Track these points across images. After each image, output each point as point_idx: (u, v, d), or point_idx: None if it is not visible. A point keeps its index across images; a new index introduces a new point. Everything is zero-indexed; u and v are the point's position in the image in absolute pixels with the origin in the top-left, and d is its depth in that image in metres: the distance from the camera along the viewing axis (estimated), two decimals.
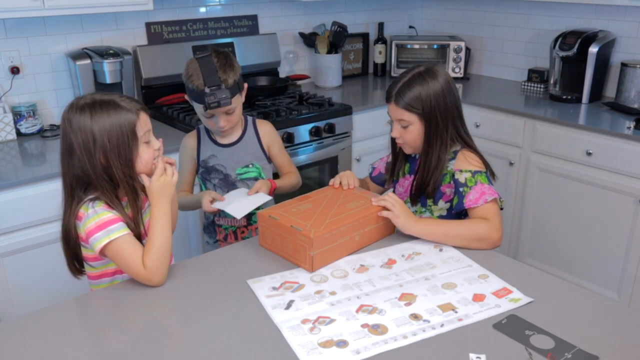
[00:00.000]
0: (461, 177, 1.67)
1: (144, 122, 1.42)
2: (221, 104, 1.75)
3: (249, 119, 1.99)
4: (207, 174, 1.93)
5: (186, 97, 1.87)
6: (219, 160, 1.92)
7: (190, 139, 1.96)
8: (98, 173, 1.38)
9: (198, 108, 1.82)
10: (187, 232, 2.46)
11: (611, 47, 2.97)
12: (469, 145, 1.74)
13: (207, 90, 1.73)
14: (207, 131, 1.94)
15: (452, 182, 1.69)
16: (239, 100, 1.84)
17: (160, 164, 1.44)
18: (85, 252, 1.47)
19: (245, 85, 1.90)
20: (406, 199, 1.81)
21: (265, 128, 1.99)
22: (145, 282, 1.39)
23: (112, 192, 1.40)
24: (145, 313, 1.32)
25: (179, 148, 2.00)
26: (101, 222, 1.37)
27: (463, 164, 1.68)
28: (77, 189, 1.41)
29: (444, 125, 1.67)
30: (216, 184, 1.94)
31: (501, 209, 1.69)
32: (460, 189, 1.66)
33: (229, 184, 1.94)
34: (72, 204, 1.42)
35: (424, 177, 1.70)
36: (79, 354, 1.17)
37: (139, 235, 1.44)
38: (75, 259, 1.49)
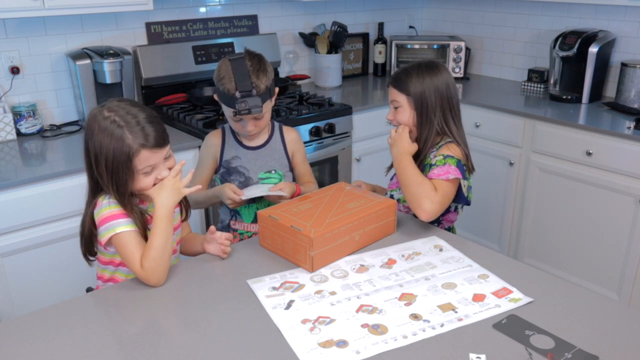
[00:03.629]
0: (434, 160, 1.73)
1: (144, 159, 1.39)
2: (252, 112, 1.73)
3: (276, 124, 1.97)
4: (227, 175, 1.91)
5: (215, 97, 1.84)
6: (242, 162, 1.90)
7: (214, 137, 1.93)
8: (104, 180, 1.41)
9: (227, 111, 1.80)
10: None
11: (611, 47, 2.97)
12: (457, 142, 1.76)
13: (238, 95, 1.71)
14: (233, 131, 1.91)
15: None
16: (269, 105, 1.81)
17: (172, 172, 1.45)
18: (100, 238, 1.47)
19: (277, 89, 1.87)
20: (394, 188, 1.84)
21: (292, 135, 1.97)
22: (143, 281, 1.40)
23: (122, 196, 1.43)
24: (145, 313, 1.32)
25: (201, 145, 1.97)
26: (111, 214, 1.41)
27: (441, 152, 1.74)
28: (97, 186, 1.46)
29: (433, 115, 1.74)
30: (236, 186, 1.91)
31: (467, 204, 1.74)
32: (430, 167, 1.73)
33: None
34: (93, 197, 1.47)
35: (418, 154, 1.78)
36: (79, 354, 1.17)
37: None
38: (89, 247, 1.53)
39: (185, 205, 1.60)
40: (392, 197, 1.84)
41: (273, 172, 1.91)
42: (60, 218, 2.14)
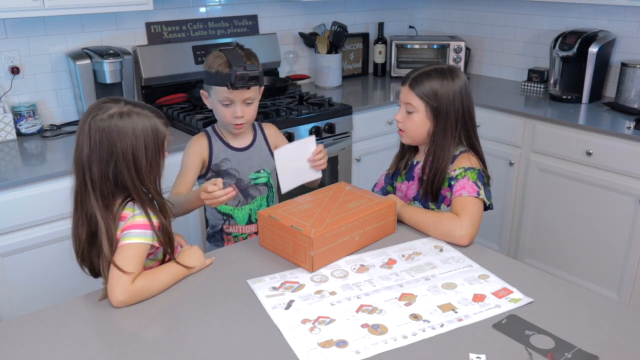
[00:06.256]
0: (454, 174, 1.69)
1: (168, 139, 1.44)
2: (249, 76, 1.68)
3: (255, 123, 1.94)
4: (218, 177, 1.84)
5: (202, 91, 1.82)
6: (233, 164, 1.85)
7: (202, 139, 1.86)
8: (142, 177, 1.38)
9: (217, 94, 1.74)
10: (187, 234, 2.46)
11: (611, 47, 2.97)
12: (475, 150, 1.74)
13: (234, 68, 1.68)
14: (218, 134, 1.86)
15: (449, 185, 1.71)
16: (258, 93, 1.79)
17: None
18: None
19: (262, 88, 1.85)
20: (408, 202, 1.82)
21: (270, 130, 1.96)
22: (116, 292, 1.30)
23: (146, 199, 1.40)
24: (145, 313, 1.32)
25: (185, 148, 1.90)
26: (144, 223, 1.37)
27: (459, 164, 1.70)
28: (114, 191, 1.38)
29: (455, 125, 1.69)
30: None
31: (489, 208, 1.69)
32: (452, 182, 1.69)
33: (240, 190, 1.86)
34: (109, 207, 1.38)
35: (435, 172, 1.70)
36: (79, 354, 1.18)
37: (172, 243, 1.45)
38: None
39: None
40: None
41: (262, 171, 1.89)
42: (60, 218, 2.13)
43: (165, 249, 1.43)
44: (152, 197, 1.41)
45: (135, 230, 1.36)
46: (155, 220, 1.39)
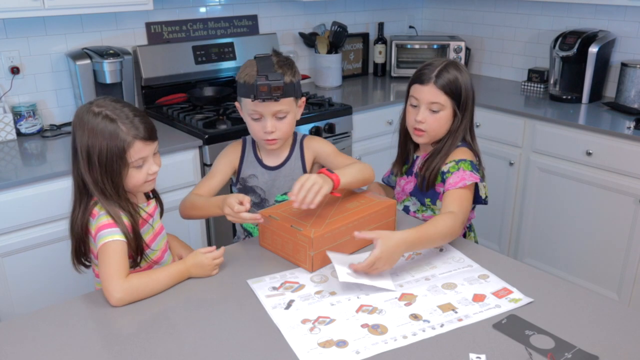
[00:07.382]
0: (445, 167, 1.67)
1: (137, 150, 1.41)
2: (271, 86, 1.55)
3: (299, 137, 1.80)
4: (244, 193, 1.77)
5: (236, 103, 1.73)
6: (259, 182, 1.77)
7: (236, 148, 1.79)
8: (97, 178, 1.40)
9: (246, 107, 1.65)
10: (187, 235, 2.46)
11: (611, 47, 2.97)
12: (471, 145, 1.73)
13: (256, 78, 1.56)
14: (253, 147, 1.78)
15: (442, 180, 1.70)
16: (292, 106, 1.66)
17: (215, 254, 1.46)
18: (93, 249, 1.47)
19: (303, 99, 1.73)
20: (404, 198, 1.82)
21: (310, 144, 1.80)
22: (112, 291, 1.32)
23: (110, 199, 1.42)
24: (145, 313, 1.32)
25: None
26: (108, 222, 1.40)
27: (451, 157, 1.69)
28: (85, 187, 1.44)
29: (468, 118, 1.68)
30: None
31: (484, 202, 1.69)
32: (444, 176, 1.67)
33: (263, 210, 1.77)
34: (82, 201, 1.45)
35: (433, 167, 1.69)
36: (79, 354, 1.18)
37: (141, 247, 1.45)
38: (79, 253, 1.51)
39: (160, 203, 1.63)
40: (407, 207, 1.81)
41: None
42: (60, 218, 2.13)
43: (134, 251, 1.44)
44: (115, 200, 1.42)
45: (104, 231, 1.39)
46: (125, 221, 1.42)
